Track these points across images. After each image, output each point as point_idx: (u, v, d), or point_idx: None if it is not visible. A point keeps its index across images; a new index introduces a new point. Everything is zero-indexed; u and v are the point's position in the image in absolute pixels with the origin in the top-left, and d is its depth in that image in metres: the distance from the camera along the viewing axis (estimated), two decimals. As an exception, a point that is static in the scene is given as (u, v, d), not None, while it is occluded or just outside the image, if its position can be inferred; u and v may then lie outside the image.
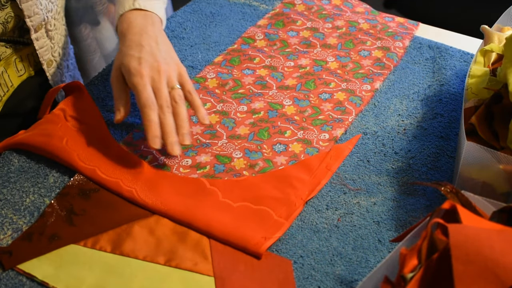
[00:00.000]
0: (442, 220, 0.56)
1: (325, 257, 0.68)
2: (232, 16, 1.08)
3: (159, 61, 0.79)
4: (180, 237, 0.70)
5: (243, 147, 0.81)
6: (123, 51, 0.80)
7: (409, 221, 0.72)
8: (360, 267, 0.67)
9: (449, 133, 0.84)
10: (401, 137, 0.84)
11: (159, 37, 0.82)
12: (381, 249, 0.69)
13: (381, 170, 0.79)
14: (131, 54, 0.78)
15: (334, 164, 0.79)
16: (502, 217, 0.59)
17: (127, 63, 0.78)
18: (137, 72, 0.77)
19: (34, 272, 0.65)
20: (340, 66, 0.95)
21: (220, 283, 0.64)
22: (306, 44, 1.00)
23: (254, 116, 0.86)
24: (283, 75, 0.94)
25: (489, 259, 0.50)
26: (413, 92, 0.91)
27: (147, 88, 0.76)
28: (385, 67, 0.95)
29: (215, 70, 0.95)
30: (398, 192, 0.76)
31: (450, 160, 0.79)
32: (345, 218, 0.72)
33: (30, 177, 0.77)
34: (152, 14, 0.84)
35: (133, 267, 0.66)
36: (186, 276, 0.65)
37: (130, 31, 0.81)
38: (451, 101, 0.89)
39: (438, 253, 0.53)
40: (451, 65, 0.96)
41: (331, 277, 0.66)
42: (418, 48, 1.00)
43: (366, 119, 0.86)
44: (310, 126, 0.84)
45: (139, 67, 0.77)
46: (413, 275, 0.53)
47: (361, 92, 0.90)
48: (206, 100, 0.89)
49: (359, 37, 1.01)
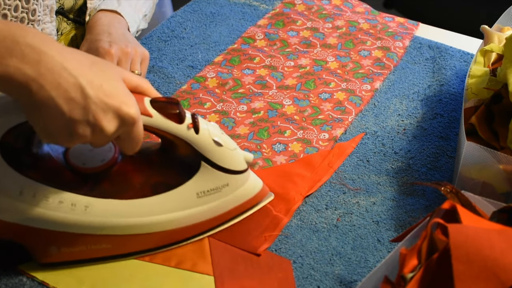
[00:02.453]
0: (442, 220, 0.56)
1: (325, 257, 0.68)
2: (232, 16, 1.08)
3: (127, 45, 0.83)
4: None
5: (243, 146, 0.81)
6: (91, 38, 0.84)
7: (408, 221, 0.72)
8: (359, 267, 0.67)
9: (449, 133, 0.84)
10: (401, 137, 0.84)
11: (125, 31, 0.88)
12: (381, 249, 0.69)
13: (380, 170, 0.79)
14: (101, 39, 0.83)
15: (336, 162, 0.79)
16: (502, 217, 0.59)
17: (96, 46, 0.82)
18: (106, 52, 0.80)
19: (35, 272, 0.65)
20: (340, 66, 0.95)
21: (220, 283, 0.64)
22: (306, 44, 1.00)
23: (254, 116, 0.86)
24: (283, 75, 0.94)
25: (489, 259, 0.50)
26: (413, 92, 0.91)
27: None
28: (385, 67, 0.95)
29: (215, 70, 0.94)
30: (397, 192, 0.76)
31: (450, 160, 0.79)
32: (344, 218, 0.72)
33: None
34: (119, 16, 0.90)
35: (133, 267, 0.66)
36: (186, 276, 0.65)
37: (99, 23, 0.86)
38: (451, 101, 0.89)
39: (438, 253, 0.53)
40: (451, 65, 0.96)
41: (330, 277, 0.66)
42: (418, 48, 1.00)
43: (366, 119, 0.86)
44: (309, 125, 0.84)
45: (109, 48, 0.81)
46: (413, 275, 0.53)
47: (361, 92, 0.90)
48: (206, 100, 0.89)
49: (359, 37, 1.01)
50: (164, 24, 1.05)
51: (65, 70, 0.53)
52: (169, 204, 0.65)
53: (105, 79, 0.55)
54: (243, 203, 0.70)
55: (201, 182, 0.65)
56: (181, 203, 0.65)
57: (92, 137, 0.56)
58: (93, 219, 0.62)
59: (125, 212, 0.63)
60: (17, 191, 0.59)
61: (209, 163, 0.65)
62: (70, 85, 0.53)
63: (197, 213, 0.67)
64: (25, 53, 0.51)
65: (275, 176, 0.77)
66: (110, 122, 0.55)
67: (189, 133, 0.63)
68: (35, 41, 0.52)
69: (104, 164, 0.63)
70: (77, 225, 0.62)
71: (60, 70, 0.52)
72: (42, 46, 0.52)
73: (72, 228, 0.62)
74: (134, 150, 0.60)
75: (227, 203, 0.68)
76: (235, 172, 0.67)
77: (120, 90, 0.56)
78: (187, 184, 0.65)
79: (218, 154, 0.65)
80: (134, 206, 0.64)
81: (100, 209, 0.62)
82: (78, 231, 0.62)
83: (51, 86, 0.52)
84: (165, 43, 1.01)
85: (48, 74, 0.52)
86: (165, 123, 0.61)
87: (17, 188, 0.59)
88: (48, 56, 0.52)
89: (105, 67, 0.57)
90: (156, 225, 0.65)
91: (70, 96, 0.53)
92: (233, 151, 0.66)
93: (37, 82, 0.52)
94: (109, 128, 0.55)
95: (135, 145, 0.59)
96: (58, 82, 0.52)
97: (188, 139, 0.63)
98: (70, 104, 0.53)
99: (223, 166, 0.66)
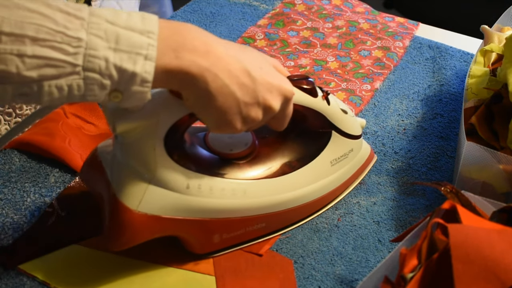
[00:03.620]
0: (442, 220, 0.56)
1: (325, 257, 0.68)
2: (232, 16, 1.08)
3: None
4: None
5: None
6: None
7: (409, 221, 0.72)
8: (360, 267, 0.67)
9: (449, 133, 0.84)
10: (401, 137, 0.84)
11: None
12: (381, 249, 0.69)
13: (381, 170, 0.79)
14: None
15: None
16: (502, 217, 0.59)
17: None
18: None
19: (35, 272, 0.65)
20: (340, 66, 0.95)
21: (221, 283, 0.64)
22: (306, 44, 1.00)
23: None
24: (283, 75, 0.94)
25: (489, 259, 0.50)
26: (413, 92, 0.91)
27: None
28: (385, 67, 0.95)
29: (216, 70, 0.95)
30: (398, 192, 0.76)
31: (450, 160, 0.79)
32: (345, 218, 0.72)
33: (31, 177, 0.77)
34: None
35: (134, 267, 0.66)
36: (187, 276, 0.65)
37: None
38: (451, 101, 0.89)
39: (438, 253, 0.53)
40: (451, 65, 0.96)
41: (331, 277, 0.66)
42: (418, 48, 1.00)
43: (366, 119, 0.86)
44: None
45: None
46: (413, 275, 0.53)
47: (361, 91, 0.90)
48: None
49: (359, 37, 1.01)
50: (164, 24, 1.05)
51: (231, 57, 0.54)
52: (311, 175, 0.69)
53: (259, 61, 0.58)
54: (362, 165, 0.75)
55: (333, 150, 0.70)
56: (320, 172, 0.70)
57: (263, 118, 0.58)
58: (252, 200, 0.65)
59: (276, 190, 0.67)
60: (184, 185, 0.60)
61: (338, 131, 0.70)
62: (239, 70, 0.55)
63: (333, 180, 0.72)
64: (195, 45, 0.52)
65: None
66: (276, 100, 0.58)
67: (323, 105, 0.67)
68: (197, 33, 0.53)
69: (248, 148, 0.67)
70: (238, 209, 0.64)
71: (227, 58, 0.54)
72: (204, 37, 0.54)
73: (234, 213, 0.64)
74: (285, 126, 0.63)
75: (352, 167, 0.73)
76: (356, 137, 0.72)
77: (273, 70, 0.59)
78: (323, 153, 0.69)
79: (345, 122, 0.70)
80: (283, 183, 0.67)
81: (256, 190, 0.65)
82: (238, 215, 0.65)
83: (223, 74, 0.53)
84: (166, 43, 1.01)
85: (219, 63, 0.53)
86: (305, 98, 0.65)
87: (184, 182, 0.60)
88: (213, 46, 0.53)
89: (252, 51, 0.59)
90: (302, 197, 0.69)
91: (241, 81, 0.55)
92: (353, 118, 0.72)
93: (211, 71, 0.53)
94: (276, 106, 0.58)
95: (287, 121, 0.63)
96: (229, 69, 0.54)
97: (323, 111, 0.67)
98: (242, 89, 0.55)
99: (349, 133, 0.71)
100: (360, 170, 0.75)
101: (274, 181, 0.66)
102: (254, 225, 0.67)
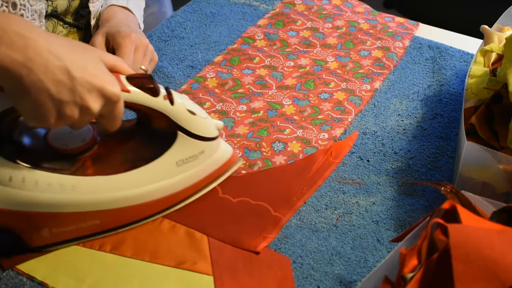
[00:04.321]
0: (442, 220, 0.56)
1: (324, 257, 0.68)
2: (232, 16, 1.08)
3: (145, 38, 0.86)
4: (179, 236, 0.69)
5: (243, 145, 0.81)
6: (110, 25, 0.85)
7: (408, 221, 0.71)
8: (359, 267, 0.67)
9: (449, 133, 0.84)
10: (400, 137, 0.83)
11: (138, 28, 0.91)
12: (380, 248, 0.69)
13: (380, 170, 0.79)
14: (121, 26, 0.85)
15: (334, 161, 0.79)
16: (502, 217, 0.59)
17: (116, 30, 0.83)
18: (126, 35, 0.82)
19: (34, 273, 0.65)
20: (340, 66, 0.95)
21: (219, 282, 0.64)
22: (306, 44, 1.00)
23: (254, 116, 0.86)
24: (282, 75, 0.94)
25: (489, 259, 0.50)
26: (413, 92, 0.91)
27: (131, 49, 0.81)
28: (385, 67, 0.95)
29: (215, 70, 0.94)
30: (397, 192, 0.76)
31: (450, 160, 0.79)
32: (344, 217, 0.72)
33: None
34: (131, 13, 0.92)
35: (133, 267, 0.66)
36: (186, 276, 0.65)
37: (116, 16, 0.89)
38: (451, 101, 0.89)
39: (438, 253, 0.53)
40: (451, 65, 0.96)
41: (330, 277, 0.66)
42: (418, 48, 1.00)
43: (365, 119, 0.86)
44: (309, 125, 0.84)
45: (130, 32, 0.82)
46: (413, 275, 0.53)
47: (361, 92, 0.90)
48: (206, 100, 0.89)
49: (359, 37, 1.01)
50: (164, 24, 1.05)
51: (51, 54, 0.55)
52: (152, 174, 0.68)
53: (87, 60, 0.58)
54: (218, 168, 0.74)
55: (179, 151, 0.69)
56: (163, 172, 0.69)
57: (79, 117, 0.58)
58: (81, 196, 0.65)
59: (110, 187, 0.66)
60: (6, 177, 0.61)
61: (185, 132, 0.69)
62: (57, 68, 0.55)
63: (179, 181, 0.70)
64: (12, 39, 0.53)
65: (274, 177, 0.76)
66: (96, 101, 0.58)
67: (165, 105, 0.66)
68: (21, 28, 0.54)
69: (85, 144, 0.66)
70: (66, 204, 0.64)
71: (46, 54, 0.55)
72: (27, 32, 0.54)
73: (61, 208, 0.64)
74: (116, 127, 0.63)
75: (204, 169, 0.72)
76: (208, 139, 0.71)
77: (102, 70, 0.59)
78: (167, 154, 0.68)
79: (192, 123, 0.69)
80: (118, 181, 0.66)
81: (86, 186, 0.65)
82: (67, 210, 0.65)
83: (39, 69, 0.54)
84: (165, 43, 1.01)
85: (36, 59, 0.54)
86: (143, 97, 0.64)
87: (6, 174, 0.61)
88: (34, 41, 0.54)
89: (85, 49, 0.60)
90: (141, 196, 0.68)
91: (57, 79, 0.55)
92: (205, 119, 0.70)
93: (26, 66, 0.54)
94: (95, 107, 0.58)
95: (118, 122, 0.62)
96: (46, 65, 0.54)
97: (165, 111, 0.66)
98: (58, 86, 0.55)
99: (197, 134, 0.70)
100: (217, 172, 0.74)
101: (109, 179, 0.66)
102: (86, 221, 0.66)
